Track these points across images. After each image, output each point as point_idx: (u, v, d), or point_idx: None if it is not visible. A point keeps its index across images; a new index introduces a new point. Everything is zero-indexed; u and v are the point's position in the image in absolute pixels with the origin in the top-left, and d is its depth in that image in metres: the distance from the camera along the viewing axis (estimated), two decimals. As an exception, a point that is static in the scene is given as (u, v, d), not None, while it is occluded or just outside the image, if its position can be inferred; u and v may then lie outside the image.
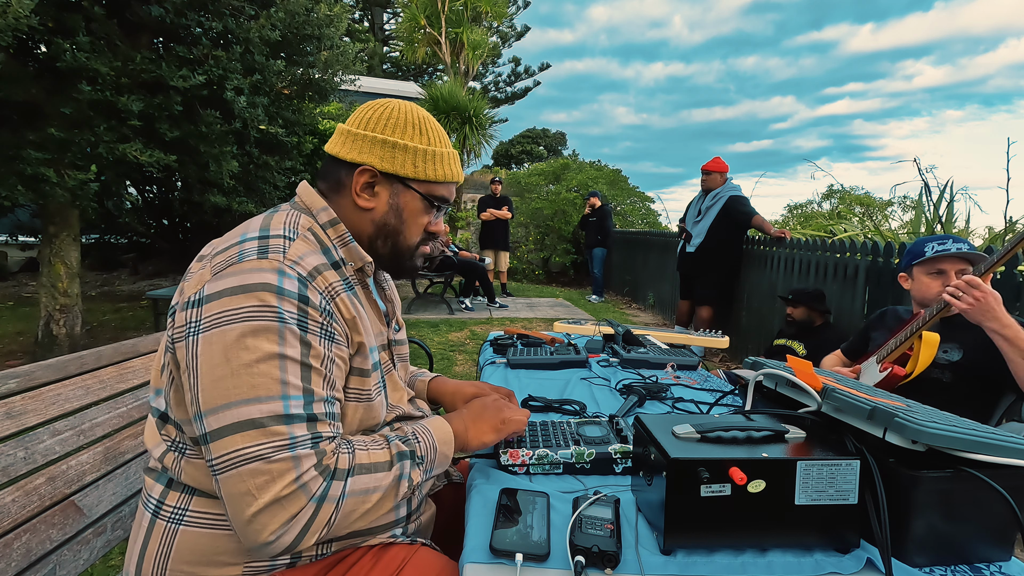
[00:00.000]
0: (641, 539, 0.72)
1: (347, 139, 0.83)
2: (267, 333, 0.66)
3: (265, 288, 0.68)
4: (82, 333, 4.31)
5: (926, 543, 0.69)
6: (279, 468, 0.64)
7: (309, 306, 0.70)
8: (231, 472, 0.64)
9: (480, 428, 0.89)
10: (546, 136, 26.33)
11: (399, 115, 0.84)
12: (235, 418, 0.64)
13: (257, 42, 4.13)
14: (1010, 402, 1.52)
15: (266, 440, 0.64)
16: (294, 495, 0.64)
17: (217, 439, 0.65)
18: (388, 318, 0.93)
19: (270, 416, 0.65)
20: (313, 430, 0.68)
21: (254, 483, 0.63)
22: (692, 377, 1.57)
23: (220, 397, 0.65)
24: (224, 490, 0.65)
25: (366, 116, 0.84)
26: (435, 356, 4.16)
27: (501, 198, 7.63)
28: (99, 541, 1.01)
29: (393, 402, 0.90)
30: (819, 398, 0.84)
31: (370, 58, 16.95)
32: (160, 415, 0.78)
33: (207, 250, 0.76)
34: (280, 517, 0.64)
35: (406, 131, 0.83)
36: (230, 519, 0.66)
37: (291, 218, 0.79)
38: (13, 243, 8.85)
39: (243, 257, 0.70)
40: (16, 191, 3.47)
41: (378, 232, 0.85)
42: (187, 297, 0.70)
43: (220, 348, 0.65)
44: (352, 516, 0.70)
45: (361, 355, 0.79)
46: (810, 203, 9.95)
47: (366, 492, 0.71)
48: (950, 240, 1.62)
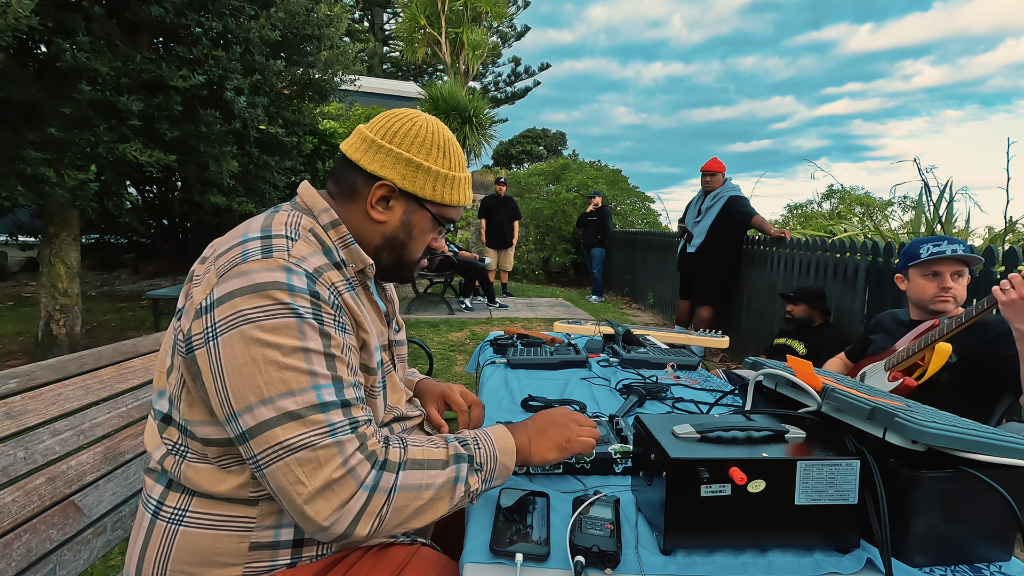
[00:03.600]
0: (641, 539, 0.73)
1: (370, 148, 0.82)
2: (287, 329, 0.67)
3: (275, 287, 0.68)
4: (82, 333, 4.31)
5: (926, 543, 0.69)
6: (325, 454, 0.65)
7: (321, 300, 0.71)
8: (278, 463, 0.65)
9: (543, 444, 0.84)
10: (546, 136, 26.32)
11: (426, 134, 0.83)
12: (272, 412, 0.65)
13: (257, 42, 4.13)
14: (1010, 402, 1.52)
15: (307, 429, 0.65)
16: (344, 479, 0.65)
17: (257, 435, 0.65)
18: (388, 318, 0.94)
19: (307, 407, 0.66)
20: (349, 415, 0.69)
21: (303, 471, 0.64)
22: (692, 377, 1.57)
23: (253, 395, 0.65)
24: (273, 483, 0.66)
25: (392, 128, 0.83)
26: (435, 356, 4.16)
27: (505, 199, 7.60)
28: (99, 541, 1.01)
29: (392, 403, 0.90)
30: (819, 398, 0.84)
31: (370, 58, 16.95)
32: (163, 417, 0.78)
33: (208, 252, 0.76)
34: (333, 502, 0.65)
35: (431, 153, 0.83)
36: (287, 509, 0.67)
37: (292, 219, 0.78)
38: (13, 243, 8.85)
39: (247, 257, 0.70)
40: (16, 191, 3.47)
41: (386, 244, 0.86)
42: (198, 303, 0.70)
43: (243, 348, 0.66)
44: (405, 511, 0.70)
45: (366, 352, 0.80)
46: (810, 203, 9.97)
47: (419, 488, 0.71)
48: (945, 241, 1.61)
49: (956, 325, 1.43)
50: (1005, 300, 1.29)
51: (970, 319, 1.41)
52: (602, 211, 7.76)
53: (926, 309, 1.64)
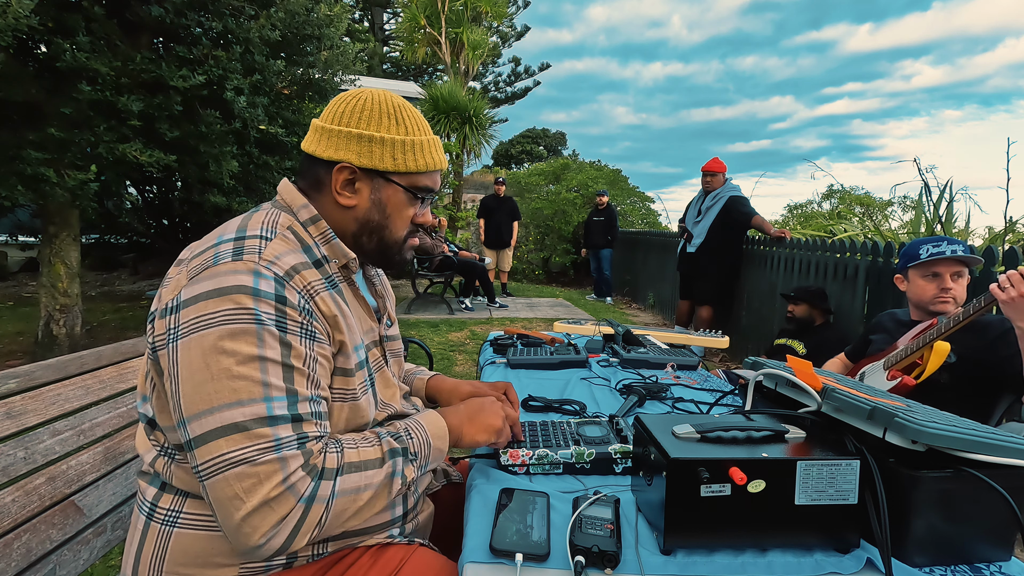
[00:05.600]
0: (641, 539, 0.72)
1: (322, 136, 0.81)
2: (245, 336, 0.65)
3: (240, 291, 0.67)
4: (82, 333, 4.31)
5: (926, 543, 0.69)
6: (266, 470, 0.63)
7: (287, 306, 0.69)
8: (217, 477, 0.63)
9: (474, 427, 0.88)
10: (546, 136, 26.32)
11: (372, 106, 0.81)
12: (218, 423, 0.63)
13: (257, 42, 4.13)
14: (1010, 402, 1.52)
15: (250, 443, 0.63)
16: (282, 496, 0.64)
17: (201, 445, 0.64)
18: (379, 314, 0.92)
19: (253, 419, 0.64)
20: (299, 430, 0.67)
21: (241, 487, 0.62)
22: (692, 377, 1.57)
23: (202, 403, 0.64)
24: (212, 495, 0.64)
25: (339, 110, 0.81)
26: (435, 356, 4.16)
27: (504, 199, 7.59)
28: (99, 541, 1.01)
29: (385, 399, 0.88)
30: (819, 398, 0.84)
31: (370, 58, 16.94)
32: (148, 421, 0.78)
33: (185, 254, 0.75)
34: (270, 519, 0.63)
35: (381, 122, 0.80)
36: (220, 524, 0.65)
37: (270, 217, 0.77)
38: (13, 243, 8.85)
39: (218, 260, 0.69)
40: (16, 191, 3.46)
41: (362, 229, 0.84)
42: (164, 303, 0.70)
43: (199, 353, 0.65)
44: (344, 515, 0.70)
45: (343, 354, 0.78)
46: (810, 203, 9.98)
47: (357, 491, 0.70)
48: (944, 242, 1.61)
49: (954, 324, 1.44)
50: (1005, 299, 1.29)
51: (968, 317, 1.41)
52: (609, 211, 7.72)
53: (926, 310, 1.64)
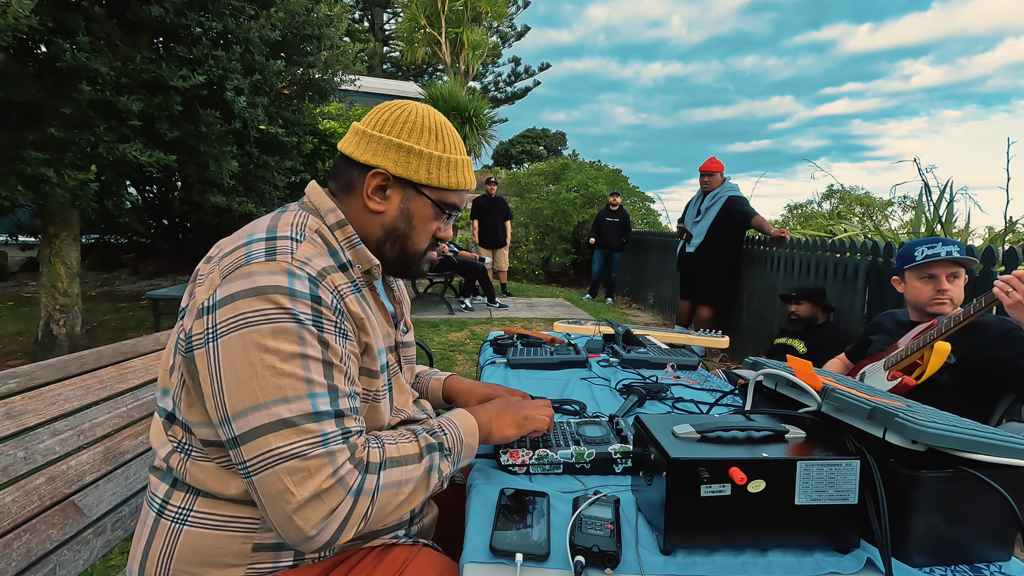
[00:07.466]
0: (641, 539, 0.73)
1: (361, 139, 0.83)
2: (286, 335, 0.67)
3: (277, 291, 0.68)
4: (82, 333, 4.31)
5: (926, 543, 0.69)
6: (316, 464, 0.65)
7: (322, 305, 0.71)
8: (267, 472, 0.64)
9: (503, 422, 0.91)
10: (546, 136, 26.31)
11: (416, 119, 0.83)
12: (266, 419, 0.65)
13: (257, 42, 4.13)
14: (1010, 402, 1.52)
15: (299, 438, 0.65)
16: (333, 489, 0.65)
17: (249, 441, 0.65)
18: (396, 320, 0.93)
19: (300, 415, 0.65)
20: (342, 425, 0.69)
21: (292, 480, 0.64)
22: (692, 377, 1.57)
23: (248, 400, 0.65)
24: (261, 490, 0.65)
25: (383, 117, 0.83)
26: (435, 356, 4.16)
27: (496, 199, 7.57)
28: (99, 541, 1.01)
29: (398, 405, 0.89)
30: (819, 398, 0.84)
31: (370, 58, 16.95)
32: (167, 415, 0.78)
33: (214, 251, 0.76)
34: (320, 511, 0.65)
35: (422, 136, 0.82)
36: (269, 518, 0.66)
37: (299, 219, 0.78)
38: (13, 243, 8.85)
39: (251, 259, 0.70)
40: (16, 191, 3.47)
41: (387, 236, 0.85)
42: (200, 303, 0.70)
43: (241, 352, 0.66)
44: (387, 509, 0.71)
45: (369, 356, 0.79)
46: (810, 203, 9.97)
47: (399, 484, 0.72)
48: (940, 243, 1.60)
49: (955, 324, 1.43)
50: (1010, 303, 1.29)
51: (968, 318, 1.41)
52: (623, 212, 7.65)
53: (923, 311, 1.64)
